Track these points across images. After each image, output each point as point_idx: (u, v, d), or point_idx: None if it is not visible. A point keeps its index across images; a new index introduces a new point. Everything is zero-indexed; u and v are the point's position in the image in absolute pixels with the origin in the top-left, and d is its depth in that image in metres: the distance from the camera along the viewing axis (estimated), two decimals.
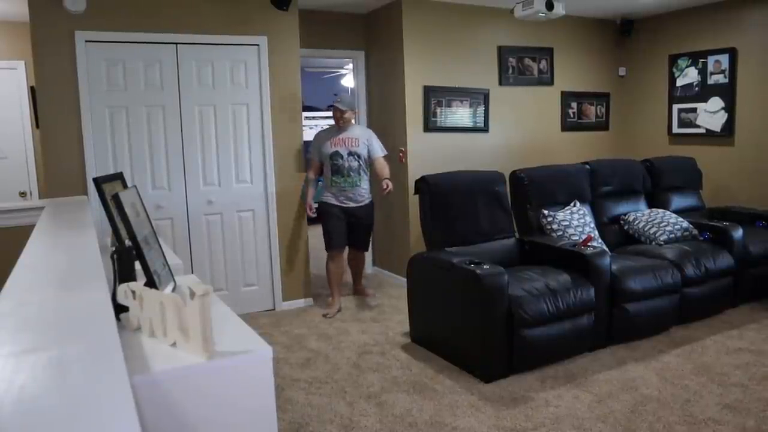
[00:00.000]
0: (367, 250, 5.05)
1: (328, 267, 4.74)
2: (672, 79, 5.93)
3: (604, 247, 4.12)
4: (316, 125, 8.55)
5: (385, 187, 4.45)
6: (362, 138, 4.62)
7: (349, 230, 4.69)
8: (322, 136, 4.67)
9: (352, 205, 4.63)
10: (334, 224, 4.62)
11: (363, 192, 4.64)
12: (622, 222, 4.68)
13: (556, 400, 3.07)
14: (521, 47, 5.74)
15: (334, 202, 4.62)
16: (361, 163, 4.59)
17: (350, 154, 4.54)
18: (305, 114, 6.32)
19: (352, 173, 4.56)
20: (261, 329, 4.25)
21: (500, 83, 5.65)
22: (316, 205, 4.73)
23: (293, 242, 4.83)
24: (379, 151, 4.68)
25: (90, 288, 1.35)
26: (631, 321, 3.75)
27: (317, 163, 4.70)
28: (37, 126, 4.47)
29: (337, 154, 4.55)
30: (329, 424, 2.90)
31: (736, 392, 3.08)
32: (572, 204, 4.41)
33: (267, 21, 4.55)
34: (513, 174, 4.39)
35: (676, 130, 5.95)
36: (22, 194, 5.21)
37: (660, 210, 4.68)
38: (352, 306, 4.85)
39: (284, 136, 4.68)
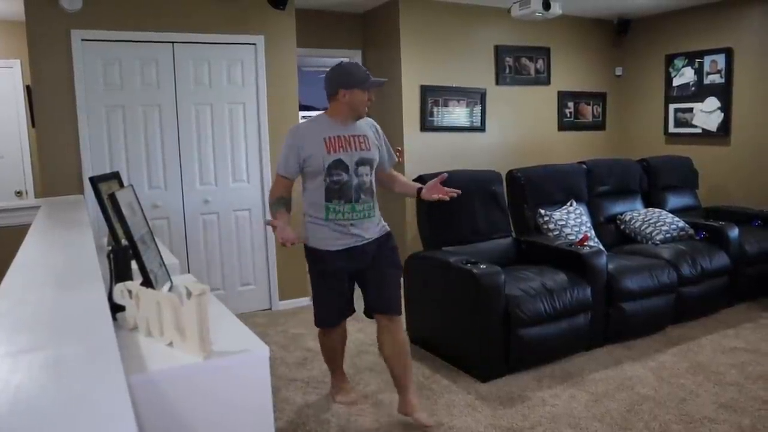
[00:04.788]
0: (401, 312, 2.87)
1: (321, 341, 3.06)
2: (668, 79, 5.94)
3: (601, 247, 4.12)
4: None
5: (442, 192, 2.83)
6: (371, 135, 2.81)
7: (363, 284, 2.86)
8: (309, 132, 2.73)
9: (361, 242, 2.76)
10: (331, 289, 2.82)
11: (376, 223, 2.83)
12: (618, 221, 4.68)
13: (552, 399, 3.07)
14: (518, 47, 5.74)
15: (329, 248, 2.73)
16: (372, 178, 2.79)
17: (360, 163, 2.72)
18: (302, 113, 6.30)
19: (363, 196, 2.72)
20: (258, 329, 4.25)
21: (497, 83, 5.66)
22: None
23: None
24: (392, 157, 2.98)
25: (86, 287, 1.34)
26: (628, 320, 3.76)
27: (289, 181, 2.78)
28: (33, 125, 4.45)
29: (339, 163, 2.67)
30: (326, 423, 2.90)
31: (732, 391, 3.09)
32: (569, 203, 4.42)
33: (264, 20, 4.54)
34: (510, 173, 4.40)
35: (672, 129, 5.96)
36: (18, 193, 5.19)
37: (656, 209, 4.69)
38: None
39: (281, 135, 4.66)
